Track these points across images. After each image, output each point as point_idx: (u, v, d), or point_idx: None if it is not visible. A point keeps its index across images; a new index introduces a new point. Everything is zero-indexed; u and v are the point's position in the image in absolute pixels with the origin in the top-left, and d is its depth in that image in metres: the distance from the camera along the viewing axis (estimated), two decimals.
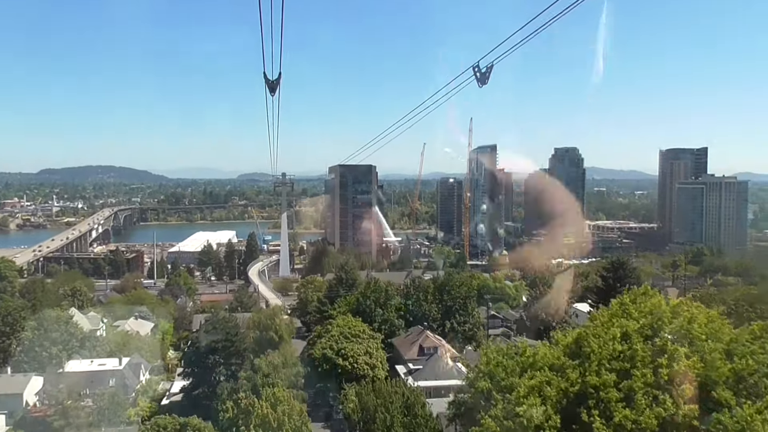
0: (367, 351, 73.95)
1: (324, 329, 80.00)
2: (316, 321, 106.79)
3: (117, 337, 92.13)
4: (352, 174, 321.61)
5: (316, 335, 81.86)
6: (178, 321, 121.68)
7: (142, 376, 79.45)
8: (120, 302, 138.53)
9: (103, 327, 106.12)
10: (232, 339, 68.02)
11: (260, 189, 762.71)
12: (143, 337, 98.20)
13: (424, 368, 68.31)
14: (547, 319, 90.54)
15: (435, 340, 77.32)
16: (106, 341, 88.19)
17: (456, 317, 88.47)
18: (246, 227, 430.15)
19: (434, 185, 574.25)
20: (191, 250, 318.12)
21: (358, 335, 76.02)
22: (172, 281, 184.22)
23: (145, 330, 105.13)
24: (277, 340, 72.79)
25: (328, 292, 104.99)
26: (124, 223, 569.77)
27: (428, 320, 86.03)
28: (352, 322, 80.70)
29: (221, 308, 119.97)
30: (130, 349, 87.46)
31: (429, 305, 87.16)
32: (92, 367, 77.47)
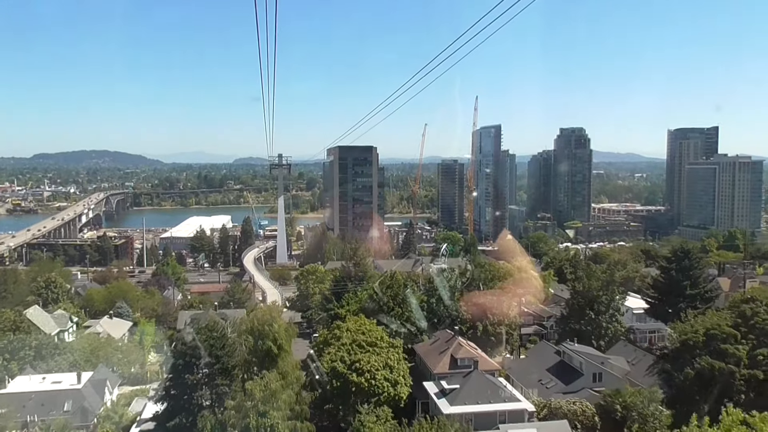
0: (386, 363, 59.66)
1: (331, 334, 65.57)
2: (321, 320, 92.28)
3: (84, 341, 77.31)
4: (351, 155, 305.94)
5: (321, 341, 67.39)
6: (163, 317, 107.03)
7: (108, 395, 64.38)
8: (100, 295, 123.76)
9: (73, 328, 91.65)
10: (217, 354, 53.53)
11: (256, 173, 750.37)
12: (117, 341, 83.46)
13: (462, 388, 53.91)
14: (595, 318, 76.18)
15: (470, 349, 62.82)
16: (70, 348, 73.38)
17: (489, 317, 74.25)
18: (242, 212, 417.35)
19: (432, 169, 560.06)
20: (184, 235, 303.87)
21: (375, 343, 61.62)
22: (158, 270, 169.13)
23: (121, 330, 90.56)
24: (276, 351, 58.16)
25: (333, 285, 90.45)
26: (116, 208, 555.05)
27: (457, 322, 71.76)
28: (366, 325, 66.31)
29: (211, 304, 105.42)
30: (100, 357, 73.05)
31: (456, 303, 72.83)
32: (43, 385, 61.80)
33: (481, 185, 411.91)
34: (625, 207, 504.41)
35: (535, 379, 64.88)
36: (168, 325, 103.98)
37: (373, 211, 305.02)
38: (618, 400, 52.42)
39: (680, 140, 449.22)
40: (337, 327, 66.98)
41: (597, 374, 62.39)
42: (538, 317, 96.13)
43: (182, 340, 55.60)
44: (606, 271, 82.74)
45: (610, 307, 78.29)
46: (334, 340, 65.09)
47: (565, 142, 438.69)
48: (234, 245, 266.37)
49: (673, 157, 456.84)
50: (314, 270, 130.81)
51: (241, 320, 77.67)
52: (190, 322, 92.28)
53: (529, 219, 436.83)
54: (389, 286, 75.53)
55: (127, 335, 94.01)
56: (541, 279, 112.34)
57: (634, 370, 67.29)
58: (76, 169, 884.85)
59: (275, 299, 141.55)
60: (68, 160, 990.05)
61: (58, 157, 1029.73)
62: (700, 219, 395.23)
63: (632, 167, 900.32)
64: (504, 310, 75.77)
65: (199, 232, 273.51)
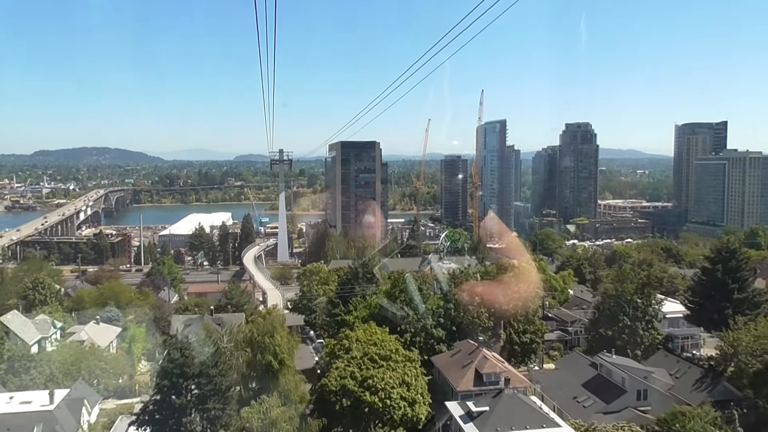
0: (403, 380, 52.40)
1: (339, 345, 58.22)
2: (326, 326, 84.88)
3: (64, 351, 69.81)
4: (354, 151, 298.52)
5: (327, 352, 60.05)
6: (156, 321, 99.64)
7: (86, 416, 56.82)
8: (91, 297, 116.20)
9: (57, 334, 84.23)
10: (209, 372, 46.21)
11: (257, 170, 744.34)
12: (102, 349, 75.82)
13: (493, 411, 46.41)
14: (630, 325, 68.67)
15: (497, 363, 55.47)
16: (48, 359, 65.78)
17: (514, 325, 66.80)
18: (242, 209, 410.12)
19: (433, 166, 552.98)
20: (183, 233, 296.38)
21: (390, 356, 54.31)
22: (154, 270, 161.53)
23: (108, 337, 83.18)
24: (277, 366, 50.87)
25: (339, 288, 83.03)
26: (116, 205, 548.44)
27: (479, 330, 64.32)
28: (378, 334, 59.04)
29: (207, 308, 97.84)
30: (82, 370, 65.72)
31: (478, 308, 65.36)
32: (10, 406, 53.43)
33: (486, 181, 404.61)
34: (631, 203, 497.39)
35: (569, 395, 57.51)
36: (162, 330, 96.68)
37: (376, 207, 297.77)
38: (677, 426, 44.85)
39: (688, 135, 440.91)
40: (346, 337, 59.55)
41: (642, 391, 55.01)
42: (561, 322, 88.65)
43: (170, 356, 48.20)
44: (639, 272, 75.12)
45: (646, 312, 70.70)
46: (343, 353, 57.69)
47: (570, 138, 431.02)
48: (234, 243, 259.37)
49: (681, 153, 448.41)
50: (317, 270, 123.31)
51: (238, 327, 70.47)
52: (184, 329, 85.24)
53: (534, 216, 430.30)
54: (402, 290, 67.98)
55: (116, 342, 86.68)
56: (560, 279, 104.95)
57: (679, 385, 59.94)
58: (76, 166, 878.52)
59: (276, 301, 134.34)
60: (69, 157, 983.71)
61: (58, 154, 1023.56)
62: (709, 215, 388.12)
63: (634, 164, 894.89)
64: (530, 317, 68.17)
65: (198, 229, 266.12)
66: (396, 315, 65.30)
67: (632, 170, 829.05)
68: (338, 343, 59.79)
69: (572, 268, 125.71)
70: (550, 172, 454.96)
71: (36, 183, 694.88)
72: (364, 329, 61.53)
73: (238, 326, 73.51)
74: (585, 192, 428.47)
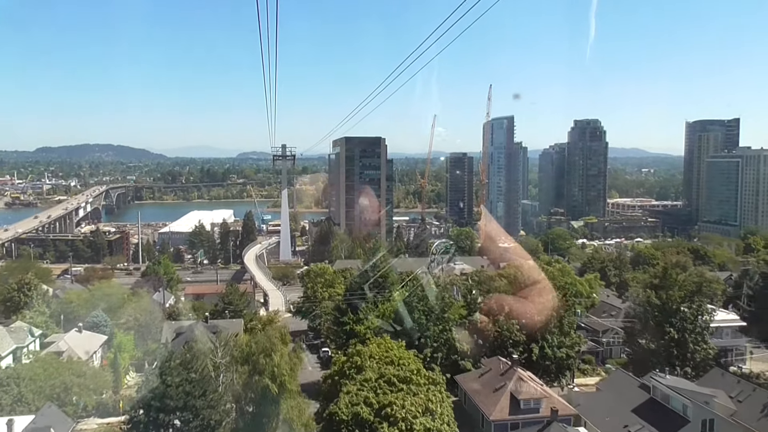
0: (426, 408, 44.41)
1: (350, 362, 50.13)
2: (332, 334, 76.85)
3: (36, 366, 61.48)
4: (358, 147, 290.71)
5: (336, 371, 51.92)
6: (147, 327, 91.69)
7: None
8: (80, 299, 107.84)
9: (35, 344, 76.20)
10: (195, 405, 38.26)
11: (259, 167, 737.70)
12: (84, 362, 67.48)
13: None
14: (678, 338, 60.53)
15: (535, 385, 47.40)
16: (16, 377, 57.52)
17: (549, 338, 58.64)
18: (244, 206, 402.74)
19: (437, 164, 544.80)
20: (184, 230, 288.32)
21: (410, 378, 46.29)
22: (149, 269, 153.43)
23: (91, 347, 75.03)
24: (276, 391, 42.89)
25: (347, 293, 74.80)
26: (117, 201, 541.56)
27: (509, 345, 56.19)
28: (395, 349, 51.06)
29: (202, 314, 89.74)
30: (56, 387, 57.63)
31: (507, 319, 57.19)
32: None
33: (493, 179, 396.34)
34: (640, 202, 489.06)
35: (619, 424, 49.36)
36: (153, 337, 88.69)
37: (381, 205, 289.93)
38: None
39: (699, 133, 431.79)
40: (357, 353, 51.39)
41: (707, 421, 46.84)
42: (592, 331, 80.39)
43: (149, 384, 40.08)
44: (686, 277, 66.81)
45: (696, 323, 62.42)
46: (354, 372, 49.58)
47: (579, 135, 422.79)
48: (235, 241, 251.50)
49: (692, 151, 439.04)
50: (322, 271, 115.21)
51: (235, 338, 62.34)
52: (176, 338, 77.24)
53: (542, 214, 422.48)
54: (421, 298, 59.81)
55: (101, 352, 78.70)
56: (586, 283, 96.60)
57: (743, 411, 51.54)
58: (79, 162, 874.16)
59: (278, 304, 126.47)
60: (72, 154, 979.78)
61: (61, 151, 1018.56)
62: (721, 215, 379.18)
63: (638, 162, 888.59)
64: (565, 328, 59.92)
65: (198, 227, 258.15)
66: (414, 326, 57.13)
67: (637, 169, 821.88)
68: (348, 360, 51.67)
69: (595, 271, 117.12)
70: (557, 169, 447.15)
71: (37, 180, 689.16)
72: (377, 343, 53.49)
73: (236, 336, 65.52)
74: (594, 190, 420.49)
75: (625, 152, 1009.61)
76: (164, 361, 42.23)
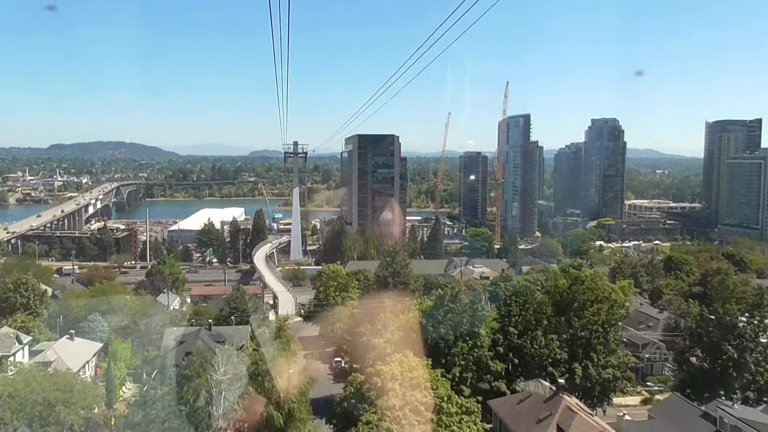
0: None
1: (369, 384, 43.51)
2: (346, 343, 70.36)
3: (18, 380, 54.98)
4: (371, 145, 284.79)
5: (354, 392, 45.28)
6: (148, 332, 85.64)
7: None
8: (80, 300, 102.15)
9: (23, 352, 70.15)
10: None
11: (271, 165, 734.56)
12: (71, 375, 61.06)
13: None
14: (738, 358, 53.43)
15: (586, 417, 40.63)
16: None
17: (593, 357, 51.63)
18: (255, 204, 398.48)
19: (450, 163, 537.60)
20: (193, 228, 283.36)
21: (440, 407, 39.77)
22: (154, 269, 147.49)
23: (83, 356, 68.89)
24: (281, 424, 36.48)
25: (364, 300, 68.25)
26: (128, 198, 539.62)
27: (549, 364, 49.34)
28: (420, 369, 44.48)
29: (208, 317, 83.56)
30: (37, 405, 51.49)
31: (546, 336, 50.22)
32: None
33: (508, 178, 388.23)
34: (658, 204, 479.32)
35: None
36: (154, 343, 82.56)
37: (394, 204, 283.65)
38: None
39: (719, 133, 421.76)
40: (378, 373, 44.77)
41: None
42: (630, 345, 73.30)
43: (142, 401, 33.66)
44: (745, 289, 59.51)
45: (757, 341, 55.23)
46: (374, 395, 43.01)
47: (596, 134, 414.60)
48: (245, 239, 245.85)
49: (711, 152, 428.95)
50: (334, 273, 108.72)
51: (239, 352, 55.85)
52: (176, 346, 71.03)
53: (557, 215, 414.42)
54: (449, 311, 52.98)
55: (94, 361, 72.71)
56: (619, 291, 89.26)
57: None
58: (91, 159, 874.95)
59: (288, 307, 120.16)
60: (84, 151, 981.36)
61: (74, 148, 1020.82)
62: (742, 217, 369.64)
63: (652, 164, 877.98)
64: (611, 345, 52.94)
65: (208, 225, 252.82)
66: (440, 341, 50.41)
67: (651, 170, 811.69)
68: (367, 381, 45.08)
69: (626, 276, 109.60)
70: (573, 169, 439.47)
71: (49, 176, 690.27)
72: (400, 361, 46.82)
73: (240, 347, 59.13)
74: (611, 191, 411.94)
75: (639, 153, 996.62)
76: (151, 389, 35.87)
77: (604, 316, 53.08)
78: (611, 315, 54.35)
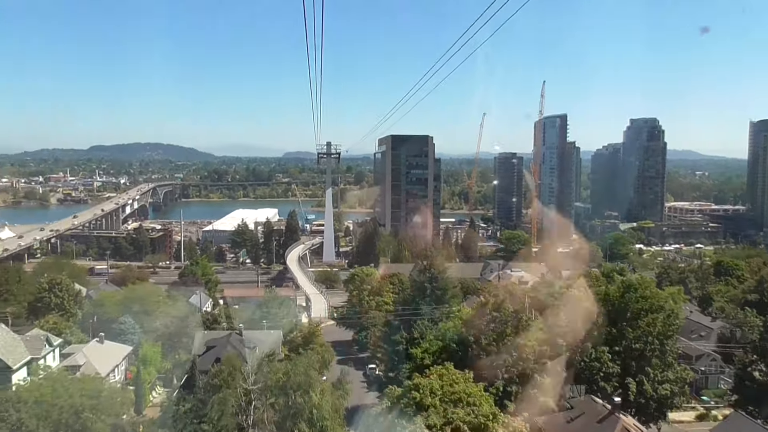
0: None
1: (407, 399, 40.56)
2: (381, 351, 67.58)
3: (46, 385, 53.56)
4: (405, 145, 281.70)
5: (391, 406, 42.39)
6: (179, 334, 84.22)
7: None
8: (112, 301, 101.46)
9: (53, 354, 69.24)
10: None
11: (304, 167, 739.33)
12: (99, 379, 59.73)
13: None
14: None
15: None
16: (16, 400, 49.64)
17: (649, 372, 47.79)
18: (289, 205, 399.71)
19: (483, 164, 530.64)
20: (227, 229, 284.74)
21: (484, 426, 36.67)
22: (186, 270, 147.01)
23: (113, 360, 67.68)
24: None
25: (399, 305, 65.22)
26: (164, 199, 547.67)
27: (600, 378, 45.68)
28: (462, 383, 41.42)
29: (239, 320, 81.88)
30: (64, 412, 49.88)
31: (597, 348, 46.50)
32: None
33: (545, 180, 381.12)
34: (700, 206, 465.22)
35: None
36: (185, 346, 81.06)
37: (428, 205, 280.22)
38: None
39: (765, 133, 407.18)
40: (416, 387, 41.85)
41: None
42: (684, 356, 68.74)
43: None
44: None
45: None
46: (412, 411, 40.05)
47: (636, 134, 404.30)
48: (278, 240, 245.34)
49: (756, 152, 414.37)
50: (368, 275, 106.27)
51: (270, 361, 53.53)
52: (206, 351, 69.25)
53: (595, 217, 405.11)
54: (492, 320, 49.70)
55: (124, 365, 71.45)
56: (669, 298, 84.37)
57: None
58: (129, 160, 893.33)
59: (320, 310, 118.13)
60: (123, 152, 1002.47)
61: (113, 149, 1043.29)
62: None
63: (691, 165, 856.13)
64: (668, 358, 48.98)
65: (242, 225, 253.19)
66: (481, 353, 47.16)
67: (690, 171, 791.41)
68: (405, 395, 42.17)
69: (673, 282, 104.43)
70: (611, 171, 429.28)
71: (89, 177, 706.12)
72: (440, 374, 43.81)
73: (271, 355, 56.80)
74: (651, 193, 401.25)
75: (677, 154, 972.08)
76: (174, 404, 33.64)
77: (660, 327, 49.16)
78: (667, 326, 50.31)
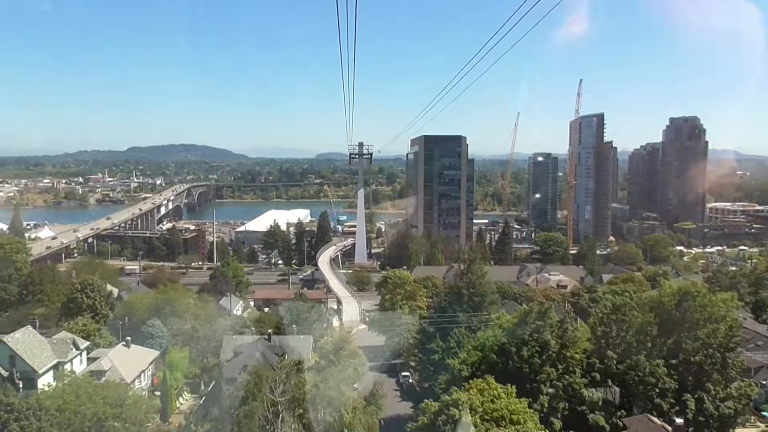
0: None
1: (444, 415, 37.58)
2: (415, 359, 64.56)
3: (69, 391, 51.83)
4: (438, 146, 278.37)
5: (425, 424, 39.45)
6: (208, 338, 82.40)
7: None
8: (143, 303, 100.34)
9: (80, 358, 67.92)
10: None
11: (336, 168, 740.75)
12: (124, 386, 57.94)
13: None
14: None
15: None
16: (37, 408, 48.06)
17: (710, 388, 43.62)
18: (321, 206, 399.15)
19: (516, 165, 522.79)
20: (260, 229, 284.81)
21: None
22: (217, 271, 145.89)
23: (139, 365, 66.00)
24: None
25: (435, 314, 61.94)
26: (198, 199, 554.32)
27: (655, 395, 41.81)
28: (503, 398, 38.18)
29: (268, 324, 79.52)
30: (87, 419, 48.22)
31: (651, 361, 42.58)
32: None
33: (581, 180, 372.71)
34: (743, 207, 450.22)
35: None
36: (213, 351, 79.14)
37: (461, 207, 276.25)
38: None
39: None
40: (455, 403, 38.71)
41: None
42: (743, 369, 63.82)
43: None
44: None
45: None
46: (450, 428, 36.95)
47: (675, 133, 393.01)
48: (310, 241, 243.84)
49: None
50: (401, 280, 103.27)
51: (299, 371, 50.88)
52: (233, 357, 67.06)
53: (632, 219, 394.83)
54: (536, 329, 46.17)
55: (151, 369, 69.78)
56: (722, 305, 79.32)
57: None
58: (165, 162, 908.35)
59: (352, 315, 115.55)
60: (159, 154, 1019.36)
61: (149, 151, 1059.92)
62: None
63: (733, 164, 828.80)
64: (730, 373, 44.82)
65: (273, 226, 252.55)
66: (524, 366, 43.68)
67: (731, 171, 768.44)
68: (442, 412, 39.08)
69: (723, 287, 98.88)
70: (649, 171, 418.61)
71: (126, 177, 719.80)
72: (479, 388, 40.59)
73: (300, 363, 54.12)
74: (691, 194, 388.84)
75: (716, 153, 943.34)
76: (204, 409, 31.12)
77: (721, 339, 44.97)
78: (729, 337, 46.03)
